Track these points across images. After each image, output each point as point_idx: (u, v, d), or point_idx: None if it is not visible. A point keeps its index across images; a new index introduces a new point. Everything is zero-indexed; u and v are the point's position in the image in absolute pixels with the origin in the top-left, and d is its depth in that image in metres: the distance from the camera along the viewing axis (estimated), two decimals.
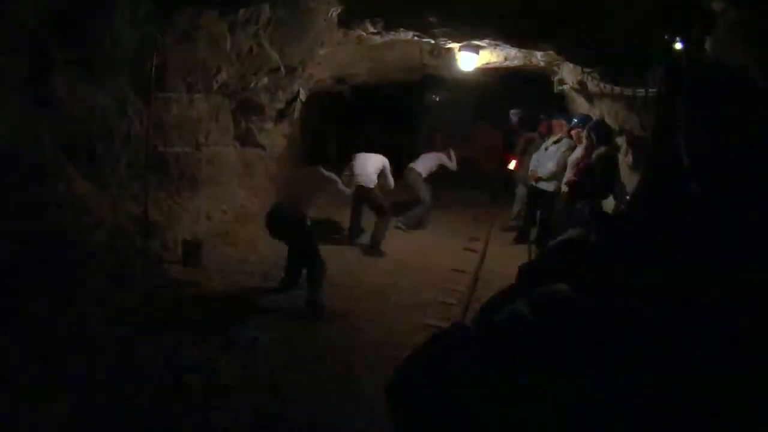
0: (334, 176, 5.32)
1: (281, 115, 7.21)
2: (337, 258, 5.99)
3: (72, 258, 4.10)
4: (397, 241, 7.35)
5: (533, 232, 7.27)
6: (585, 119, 6.36)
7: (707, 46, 3.00)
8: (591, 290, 1.42)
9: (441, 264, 6.42)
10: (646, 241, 1.46)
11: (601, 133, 5.71)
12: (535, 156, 7.21)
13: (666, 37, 3.68)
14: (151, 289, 4.61)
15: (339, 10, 5.80)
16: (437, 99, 13.11)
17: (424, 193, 8.05)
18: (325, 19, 5.86)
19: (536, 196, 7.08)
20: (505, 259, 6.50)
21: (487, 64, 8.09)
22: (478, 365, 1.32)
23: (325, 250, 5.25)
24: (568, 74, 7.55)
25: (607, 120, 6.40)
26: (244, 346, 3.92)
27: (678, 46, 3.63)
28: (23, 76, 3.66)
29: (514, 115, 9.40)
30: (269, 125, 6.95)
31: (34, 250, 3.84)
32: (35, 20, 3.62)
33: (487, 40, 6.73)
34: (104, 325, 3.90)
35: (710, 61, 2.45)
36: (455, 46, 7.25)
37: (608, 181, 5.63)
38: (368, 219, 7.14)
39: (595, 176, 5.54)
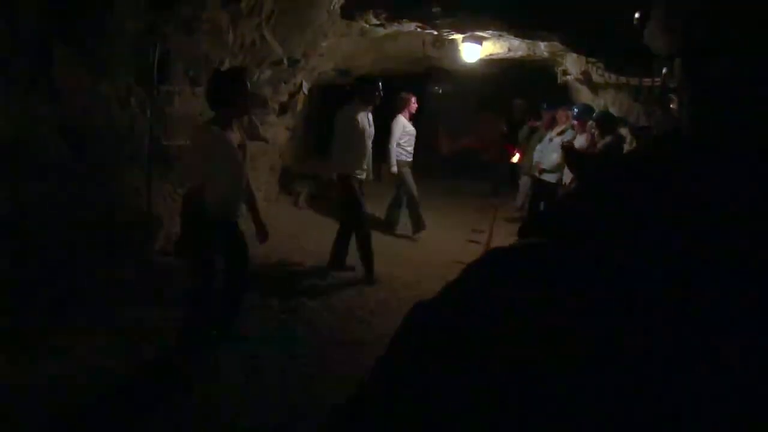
0: None
1: (284, 108, 7.19)
2: None
3: (74, 252, 4.10)
4: (400, 232, 7.34)
5: None
6: (586, 109, 6.33)
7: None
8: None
9: (444, 256, 6.40)
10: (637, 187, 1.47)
11: (606, 123, 5.69)
12: (538, 147, 7.18)
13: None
14: (153, 280, 4.62)
15: (342, 1, 5.77)
16: (440, 90, 13.06)
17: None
18: (327, 11, 5.83)
19: (540, 187, 7.06)
20: None
21: (490, 55, 8.05)
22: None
23: (326, 242, 5.22)
24: (572, 65, 7.51)
25: (611, 110, 6.36)
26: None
27: None
28: (24, 67, 3.64)
29: (517, 105, 9.36)
30: (272, 118, 6.93)
31: (36, 243, 3.84)
32: (36, 11, 3.60)
33: (490, 31, 6.69)
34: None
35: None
36: (458, 37, 7.21)
37: None
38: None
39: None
